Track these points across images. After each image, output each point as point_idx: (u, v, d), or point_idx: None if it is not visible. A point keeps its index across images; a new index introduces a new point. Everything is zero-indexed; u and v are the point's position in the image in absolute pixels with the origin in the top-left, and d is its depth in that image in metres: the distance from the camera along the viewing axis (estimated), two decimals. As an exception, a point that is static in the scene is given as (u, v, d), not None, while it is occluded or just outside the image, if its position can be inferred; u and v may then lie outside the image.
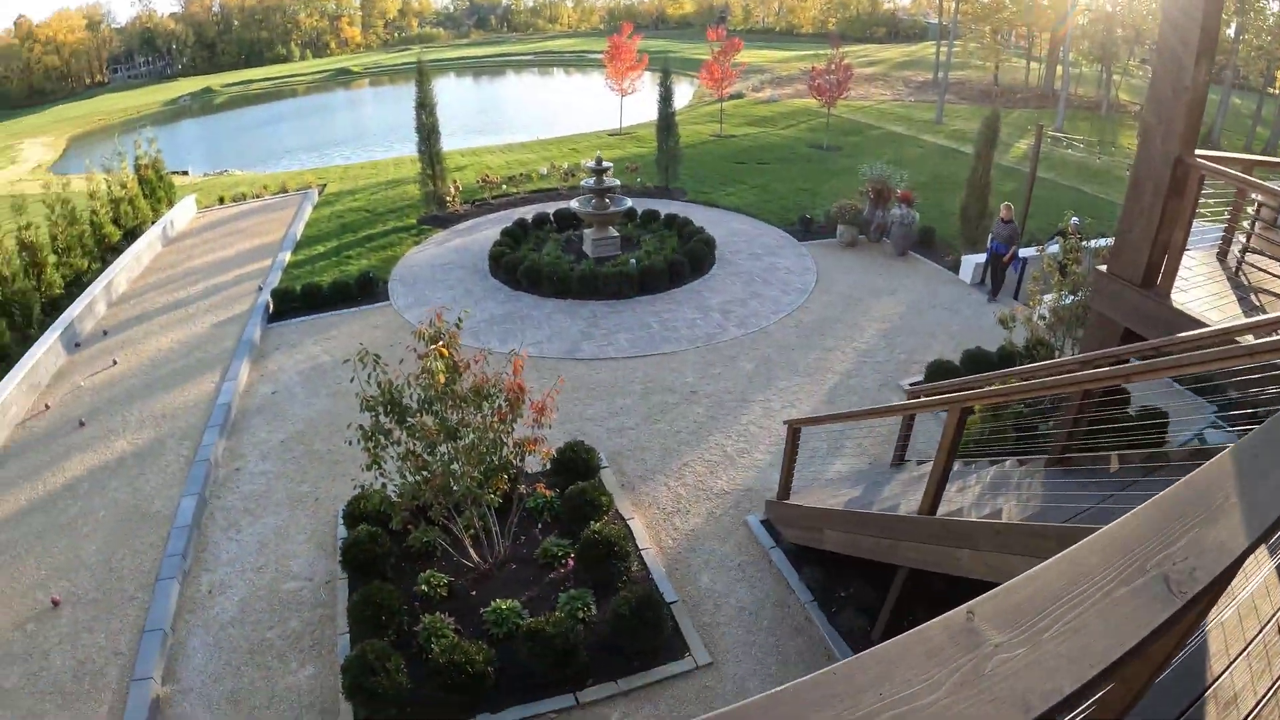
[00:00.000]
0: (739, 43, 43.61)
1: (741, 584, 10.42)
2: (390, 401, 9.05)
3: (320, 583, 11.03)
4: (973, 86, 62.52)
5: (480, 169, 32.45)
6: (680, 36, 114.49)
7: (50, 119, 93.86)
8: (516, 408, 9.42)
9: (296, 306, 19.70)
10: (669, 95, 28.22)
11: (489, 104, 77.03)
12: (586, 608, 9.57)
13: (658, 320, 17.66)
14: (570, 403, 14.29)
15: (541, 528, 11.20)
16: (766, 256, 21.52)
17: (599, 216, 20.46)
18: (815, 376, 15.39)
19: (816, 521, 9.85)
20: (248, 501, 12.93)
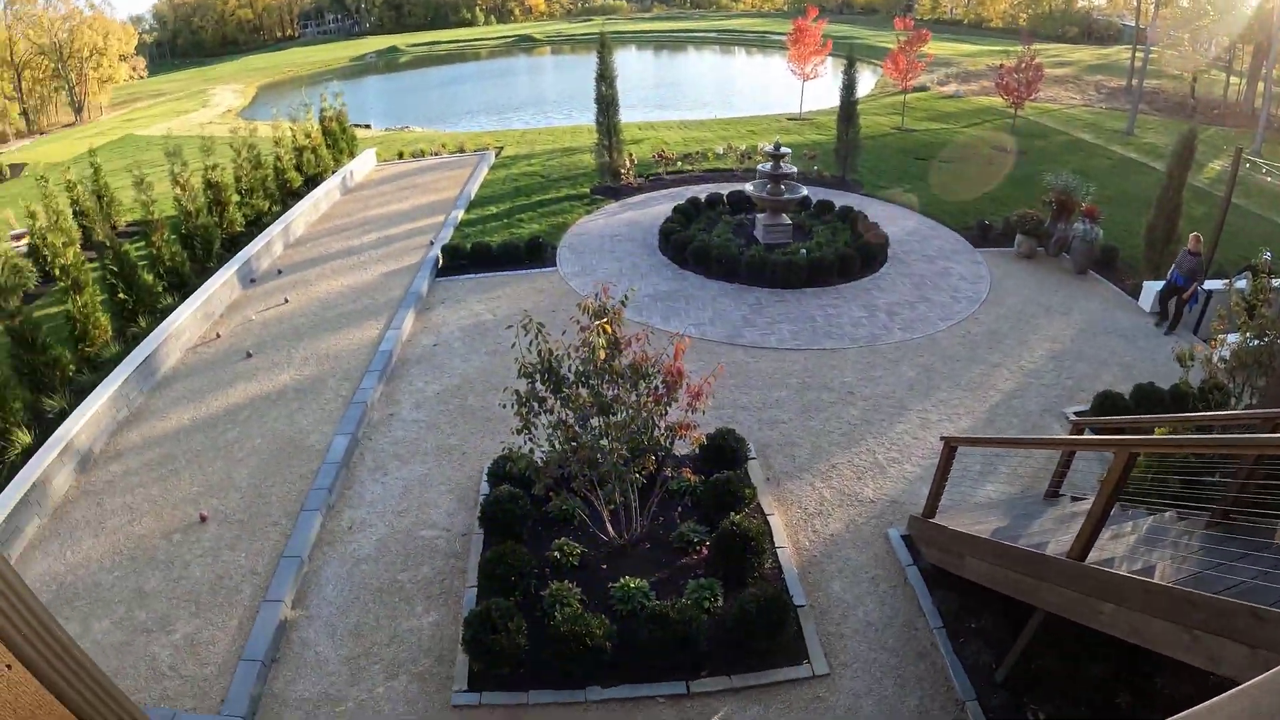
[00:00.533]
0: (926, 34, 42.07)
1: (872, 598, 10.09)
2: (548, 370, 9.06)
3: (456, 534, 11.31)
4: (1167, 98, 59.21)
5: (656, 144, 32.53)
6: (865, 22, 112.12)
7: (241, 68, 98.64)
8: (673, 391, 9.32)
9: (464, 264, 20.20)
10: (852, 84, 27.39)
11: (668, 79, 76.89)
12: (713, 598, 9.44)
13: (822, 314, 17.24)
14: (725, 389, 14.11)
15: (681, 511, 11.09)
16: (939, 260, 20.76)
17: (772, 202, 20.13)
18: (977, 392, 14.73)
19: (958, 546, 9.44)
20: (398, 447, 13.34)
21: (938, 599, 9.93)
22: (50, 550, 11.42)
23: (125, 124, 62.72)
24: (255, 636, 9.72)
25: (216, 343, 17.10)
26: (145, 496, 12.41)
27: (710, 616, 9.23)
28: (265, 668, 9.42)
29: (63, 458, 12.60)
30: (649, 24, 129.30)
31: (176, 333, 16.48)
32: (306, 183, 28.15)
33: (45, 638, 1.15)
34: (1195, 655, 5.57)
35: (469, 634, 8.80)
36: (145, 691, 9.28)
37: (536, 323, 8.95)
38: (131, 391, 14.75)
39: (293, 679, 9.37)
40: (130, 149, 46.20)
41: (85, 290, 16.21)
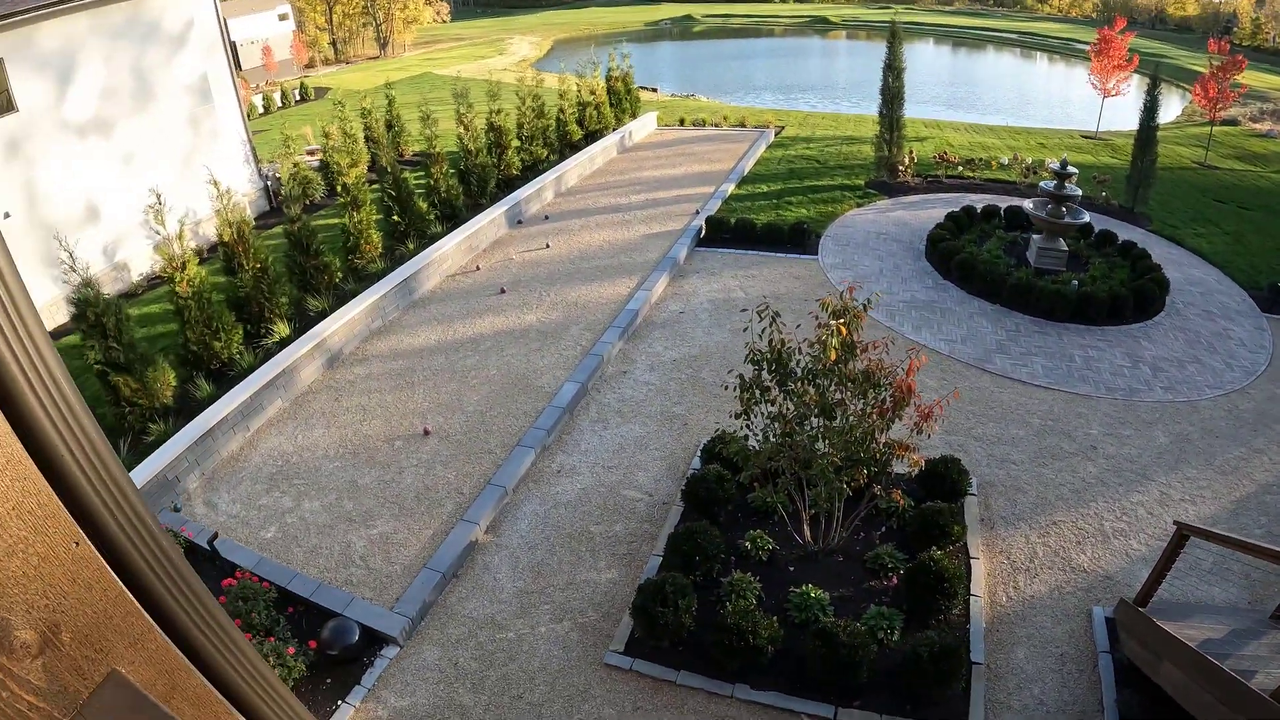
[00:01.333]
0: (1243, 60, 38.33)
1: (1054, 676, 9.36)
2: (776, 361, 8.98)
3: (657, 501, 11.51)
4: None
5: (939, 144, 31.53)
6: (1178, 41, 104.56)
7: (540, 20, 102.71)
8: (899, 407, 9.00)
9: (726, 238, 20.33)
10: (1154, 106, 25.17)
11: (962, 78, 74.40)
12: (890, 630, 9.14)
13: (1082, 354, 16.09)
14: (960, 414, 13.50)
15: (884, 532, 10.79)
16: (1220, 318, 18.77)
17: (1050, 224, 18.83)
18: (1230, 476, 13.11)
19: (1159, 645, 8.61)
20: (623, 404, 13.70)
21: (1123, 698, 9.06)
22: (285, 430, 12.76)
23: (426, 63, 66.75)
24: (444, 550, 10.47)
25: (475, 274, 18.00)
26: (379, 401, 13.52)
27: (881, 648, 8.94)
28: (445, 580, 10.15)
29: (314, 353, 14.06)
30: (949, 18, 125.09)
31: (440, 259, 17.55)
32: (586, 137, 29.04)
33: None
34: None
35: (640, 600, 8.99)
36: (333, 573, 10.23)
37: (773, 311, 8.87)
38: (388, 305, 15.92)
39: (466, 597, 10.00)
40: (426, 85, 49.10)
41: (363, 209, 17.55)
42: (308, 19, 73.09)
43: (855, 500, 10.22)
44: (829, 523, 10.07)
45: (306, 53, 65.50)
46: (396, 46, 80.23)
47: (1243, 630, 9.11)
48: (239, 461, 12.15)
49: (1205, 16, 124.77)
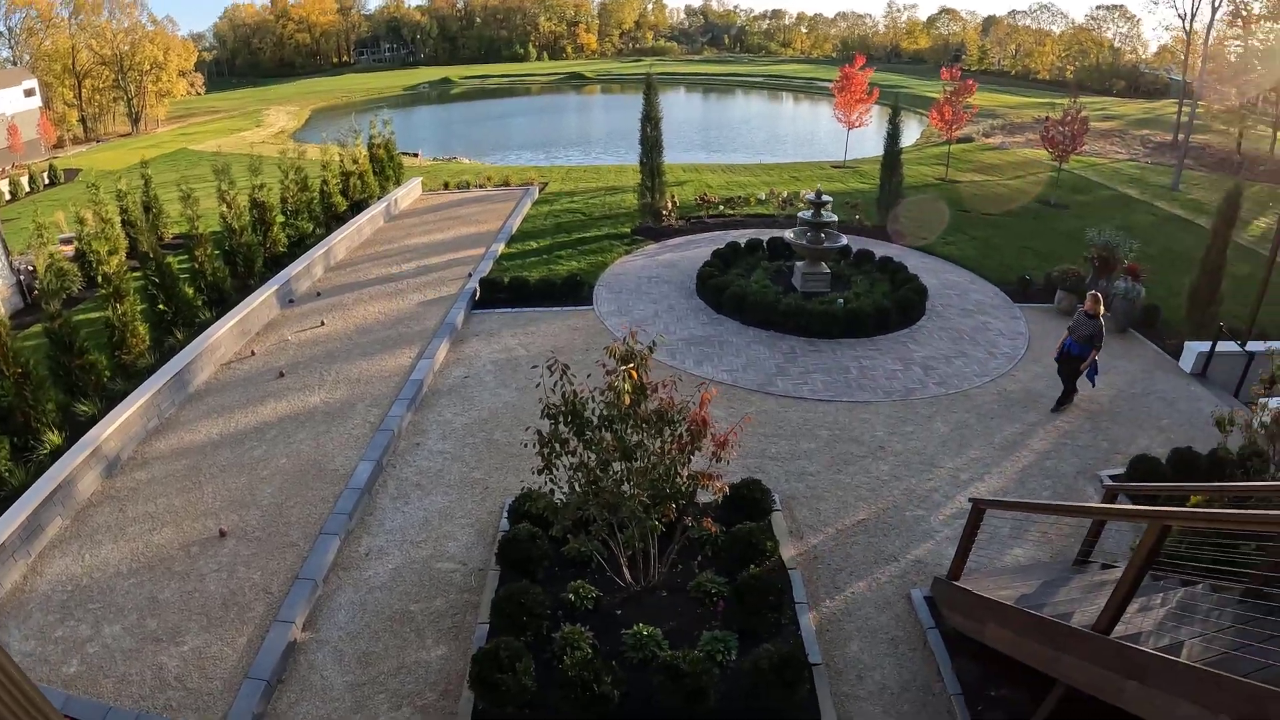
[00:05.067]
0: (972, 85, 41.97)
1: (890, 660, 9.83)
2: (572, 412, 9.00)
3: (473, 569, 11.26)
4: (1214, 153, 58.49)
5: (699, 186, 32.73)
6: (913, 72, 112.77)
7: (296, 90, 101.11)
8: (697, 440, 9.19)
9: (502, 297, 20.28)
10: (897, 133, 27.61)
11: (715, 122, 77.53)
12: (727, 651, 9.23)
13: (857, 366, 17.07)
14: (754, 438, 13.97)
15: (701, 561, 10.92)
16: (978, 314, 20.54)
17: (812, 250, 19.98)
18: (1010, 451, 14.43)
19: (981, 611, 9.14)
20: (421, 476, 13.37)
21: (958, 664, 9.61)
22: (70, 551, 11.70)
23: (180, 138, 64.43)
24: (263, 656, 9.76)
25: (251, 360, 17.31)
26: (167, 506, 12.63)
27: (723, 670, 9.02)
28: (270, 687, 9.45)
29: (90, 461, 12.95)
30: (698, 66, 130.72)
31: (212, 347, 16.78)
32: (351, 207, 28.57)
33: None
34: (1228, 745, 5.30)
35: (476, 671, 8.67)
36: (149, 700, 9.38)
37: (562, 364, 8.91)
38: (163, 402, 15.03)
39: (296, 701, 9.38)
40: (183, 162, 47.41)
41: (126, 299, 16.57)
42: (55, 94, 69.58)
43: (668, 535, 10.33)
44: (647, 561, 10.12)
45: (55, 131, 62.18)
46: (149, 121, 77.36)
47: (1052, 581, 9.80)
48: (25, 592, 11.04)
49: (936, 48, 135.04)
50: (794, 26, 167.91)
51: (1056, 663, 7.51)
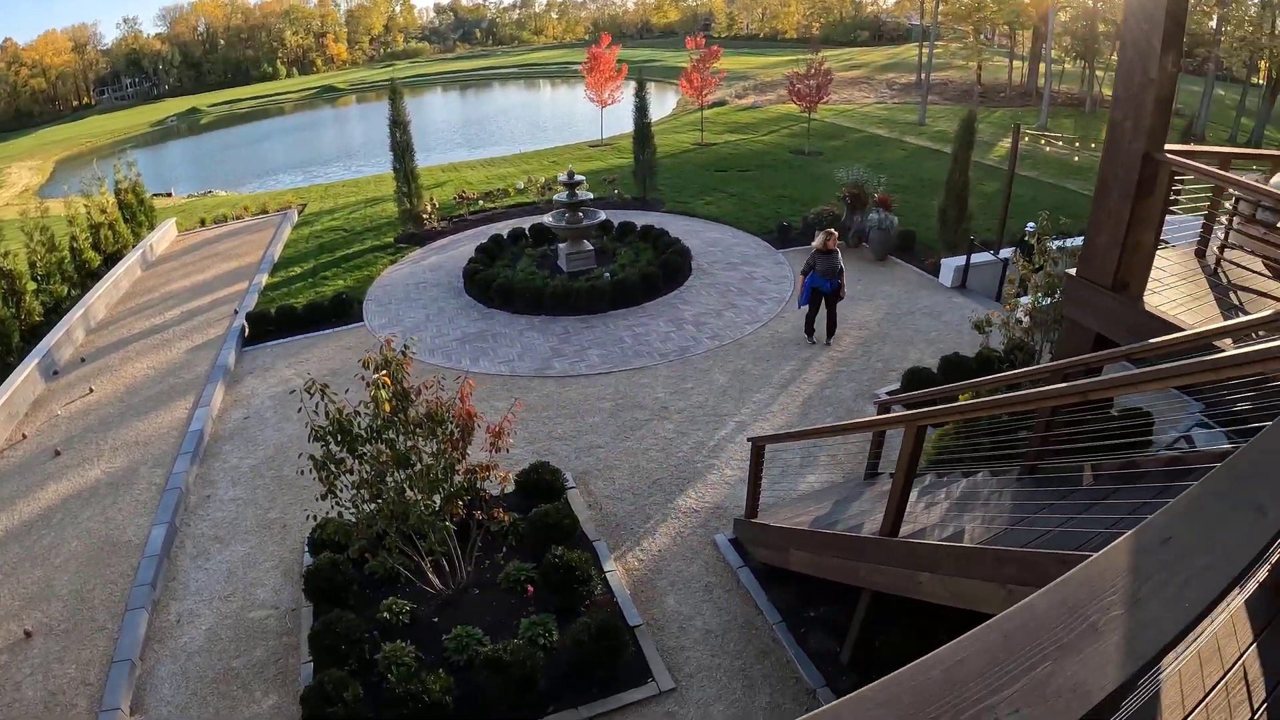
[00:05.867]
0: (718, 50, 43.59)
1: (708, 605, 10.22)
2: (340, 430, 8.96)
3: (286, 610, 10.98)
4: (956, 87, 62.72)
5: (459, 184, 32.53)
6: (665, 45, 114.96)
7: (37, 142, 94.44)
8: (468, 434, 9.30)
9: (271, 329, 19.57)
10: (644, 106, 28.19)
11: (474, 118, 77.24)
12: (548, 634, 9.38)
13: (630, 335, 17.50)
14: (539, 421, 14.25)
15: (506, 552, 11.03)
16: (743, 266, 21.41)
17: (572, 230, 20.38)
18: (789, 389, 15.21)
19: (782, 541, 9.63)
20: (217, 529, 12.88)
21: (773, 595, 10.14)
22: None
23: (-91, 211, 59.19)
24: None
25: (23, 444, 16.22)
26: None
27: (547, 652, 9.15)
28: None
29: None
30: (453, 64, 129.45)
31: (-22, 441, 15.70)
32: (106, 261, 26.90)
33: None
34: (1017, 607, 5.81)
35: (306, 711, 8.58)
36: None
37: (319, 385, 8.86)
38: (-68, 508, 13.94)
39: None
40: (-84, 239, 43.62)
41: None
42: None
43: (465, 533, 10.40)
44: (452, 563, 10.18)
45: None
46: None
47: (844, 498, 10.40)
48: None
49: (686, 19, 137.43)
50: (545, 13, 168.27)
51: (856, 572, 7.95)
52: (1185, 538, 1.83)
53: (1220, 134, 54.10)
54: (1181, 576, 1.71)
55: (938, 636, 1.57)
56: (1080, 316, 9.07)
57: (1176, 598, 1.66)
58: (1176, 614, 1.59)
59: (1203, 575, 1.71)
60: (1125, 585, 1.68)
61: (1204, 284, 9.67)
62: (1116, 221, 8.22)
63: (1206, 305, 8.89)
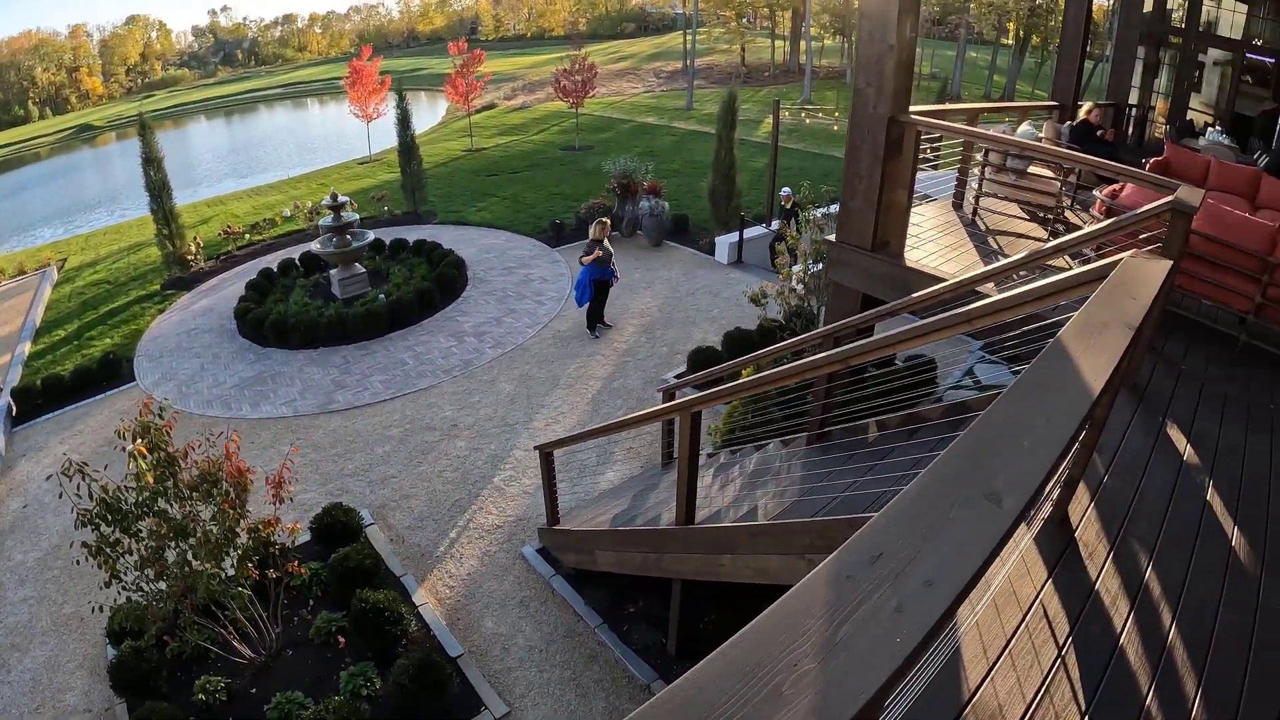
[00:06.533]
0: (481, 54, 43.44)
1: (526, 620, 10.14)
2: (109, 510, 8.46)
3: (100, 711, 10.22)
4: (721, 70, 64.70)
5: (225, 219, 31.15)
6: (432, 52, 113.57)
7: None
8: (243, 491, 8.92)
9: (40, 403, 18.05)
10: (406, 117, 27.77)
11: (240, 145, 74.23)
12: (370, 683, 9.11)
13: (412, 355, 17.18)
14: (329, 460, 13.80)
15: (313, 604, 10.66)
16: (520, 269, 21.48)
17: (342, 255, 19.73)
18: (577, 387, 15.33)
19: (586, 544, 9.67)
20: (13, 636, 11.82)
21: (589, 598, 10.18)
22: None
23: None
24: None
25: None
26: None
27: (373, 703, 8.92)
28: None
29: None
30: (216, 89, 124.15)
31: None
32: None
33: None
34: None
35: None
36: None
37: (76, 465, 8.37)
38: None
39: None
40: None
41: None
42: None
43: (264, 593, 10.01)
44: (259, 627, 9.82)
45: None
46: None
47: (643, 490, 10.49)
48: None
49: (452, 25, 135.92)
50: (308, 29, 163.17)
51: (660, 564, 7.94)
52: (901, 550, 1.62)
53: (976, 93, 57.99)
54: (894, 602, 1.50)
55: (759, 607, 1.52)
56: (845, 279, 9.38)
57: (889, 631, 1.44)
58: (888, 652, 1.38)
59: (922, 595, 1.51)
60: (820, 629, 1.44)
61: (963, 234, 10.28)
62: (869, 184, 8.57)
63: (966, 254, 9.45)
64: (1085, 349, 2.59)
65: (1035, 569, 4.34)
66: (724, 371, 10.16)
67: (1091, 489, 5.22)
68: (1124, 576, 4.41)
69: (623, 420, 8.82)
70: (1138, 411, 6.41)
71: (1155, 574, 4.49)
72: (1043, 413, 2.19)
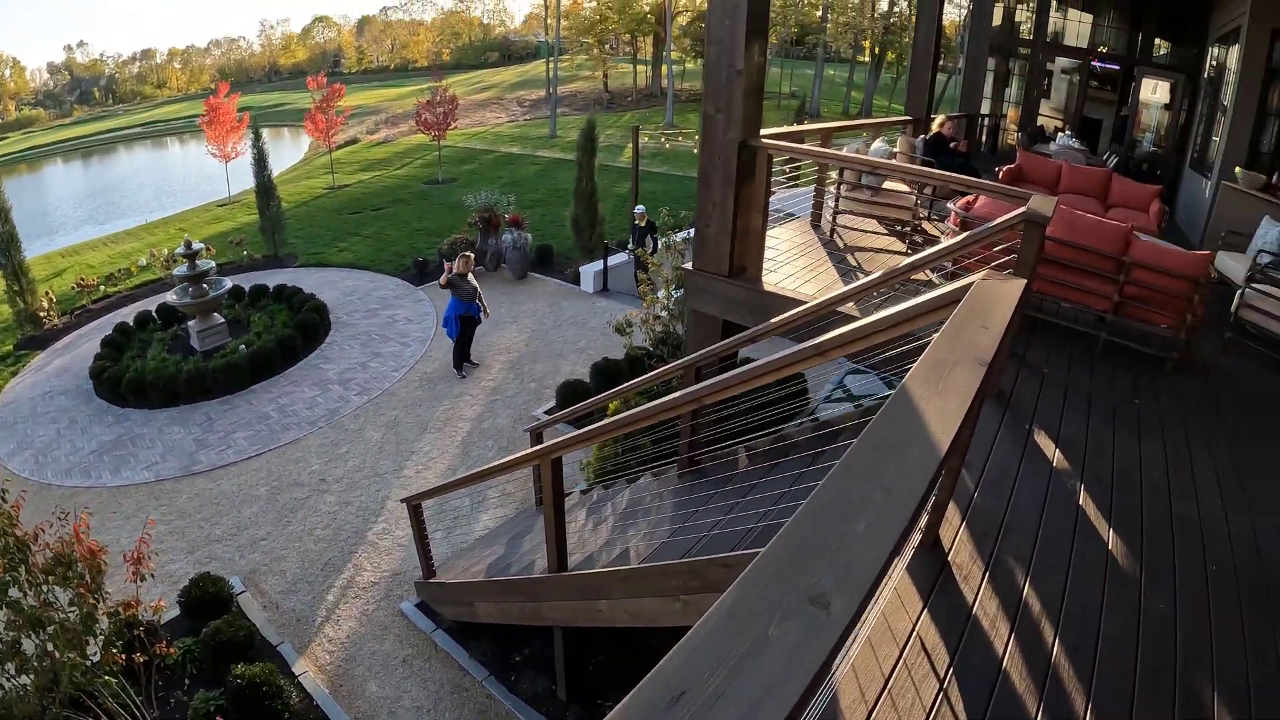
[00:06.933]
0: (340, 88, 42.80)
1: (411, 680, 9.80)
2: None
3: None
4: (585, 97, 65.30)
5: (79, 270, 29.91)
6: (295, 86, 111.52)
7: None
8: (97, 575, 8.51)
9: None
10: (263, 157, 26.72)
11: (99, 188, 71.34)
12: (255, 764, 8.70)
13: (275, 407, 16.53)
14: (195, 526, 13.11)
15: (189, 683, 10.04)
16: (383, 311, 21.08)
17: (198, 305, 18.84)
18: (447, 430, 15.05)
19: (463, 596, 9.41)
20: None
21: (474, 650, 9.91)
22: None
23: None
24: None
25: None
26: None
27: None
28: None
29: None
30: (73, 129, 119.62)
31: None
32: None
33: None
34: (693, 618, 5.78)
35: None
36: None
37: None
38: None
39: None
40: None
41: None
42: None
43: (135, 677, 9.53)
44: (134, 715, 9.37)
45: None
46: None
47: (518, 534, 10.23)
48: None
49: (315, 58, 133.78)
50: (167, 64, 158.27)
51: (539, 612, 7.79)
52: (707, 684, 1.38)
53: (835, 109, 59.62)
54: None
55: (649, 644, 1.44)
56: (703, 306, 9.24)
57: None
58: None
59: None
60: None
61: (822, 252, 10.39)
62: (723, 210, 8.50)
63: (826, 273, 9.50)
64: (932, 395, 2.42)
65: (910, 600, 4.23)
66: (592, 406, 10.06)
67: (962, 508, 5.15)
68: (1001, 596, 4.34)
69: (485, 469, 8.52)
70: (1004, 421, 6.45)
71: (1033, 588, 4.44)
72: (882, 484, 1.93)
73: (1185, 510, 5.53)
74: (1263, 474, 6.27)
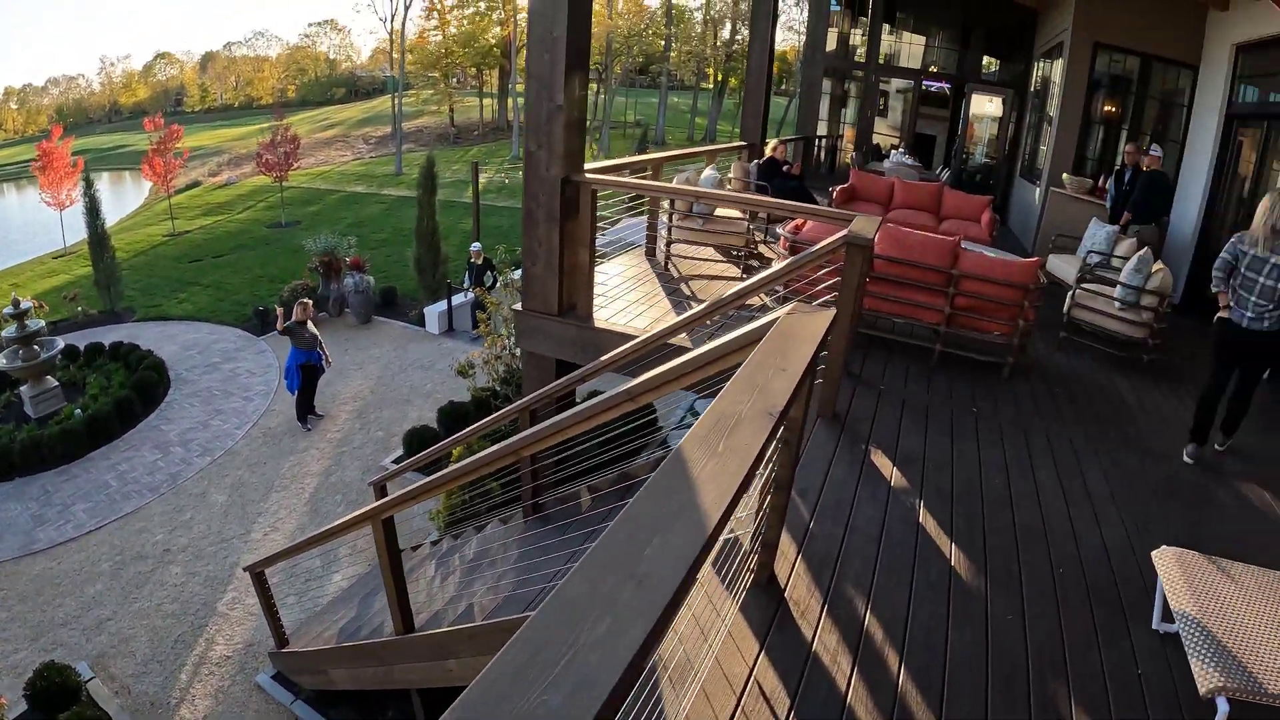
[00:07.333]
0: (178, 130, 41.08)
1: None
2: None
3: None
4: (431, 131, 65.01)
5: (-95, 337, 28.42)
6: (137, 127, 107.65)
7: None
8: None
9: None
10: (95, 206, 25.67)
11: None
12: None
13: (115, 474, 15.65)
14: (37, 611, 12.29)
15: None
16: (225, 364, 20.36)
17: (30, 369, 17.86)
18: (293, 487, 14.64)
19: (317, 663, 9.12)
20: None
21: (334, 718, 9.70)
22: None
23: None
24: None
25: None
26: None
27: None
28: None
29: None
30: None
31: None
32: None
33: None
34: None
35: None
36: None
37: None
38: None
39: None
40: None
41: None
42: None
43: None
44: None
45: None
46: None
47: (370, 592, 9.92)
48: None
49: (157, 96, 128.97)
50: (2, 105, 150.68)
51: (392, 676, 7.58)
52: None
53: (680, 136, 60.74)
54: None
55: None
56: (535, 346, 9.19)
57: None
58: None
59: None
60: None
61: (656, 284, 10.54)
62: (549, 248, 8.46)
63: (660, 304, 9.64)
64: (709, 457, 2.24)
65: (746, 644, 4.01)
66: (436, 454, 9.83)
67: (798, 539, 5.00)
68: (842, 627, 4.23)
69: (320, 534, 8.31)
70: (840, 443, 6.43)
71: (875, 615, 4.37)
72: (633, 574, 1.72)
73: (1029, 515, 5.70)
74: (1103, 468, 6.66)
